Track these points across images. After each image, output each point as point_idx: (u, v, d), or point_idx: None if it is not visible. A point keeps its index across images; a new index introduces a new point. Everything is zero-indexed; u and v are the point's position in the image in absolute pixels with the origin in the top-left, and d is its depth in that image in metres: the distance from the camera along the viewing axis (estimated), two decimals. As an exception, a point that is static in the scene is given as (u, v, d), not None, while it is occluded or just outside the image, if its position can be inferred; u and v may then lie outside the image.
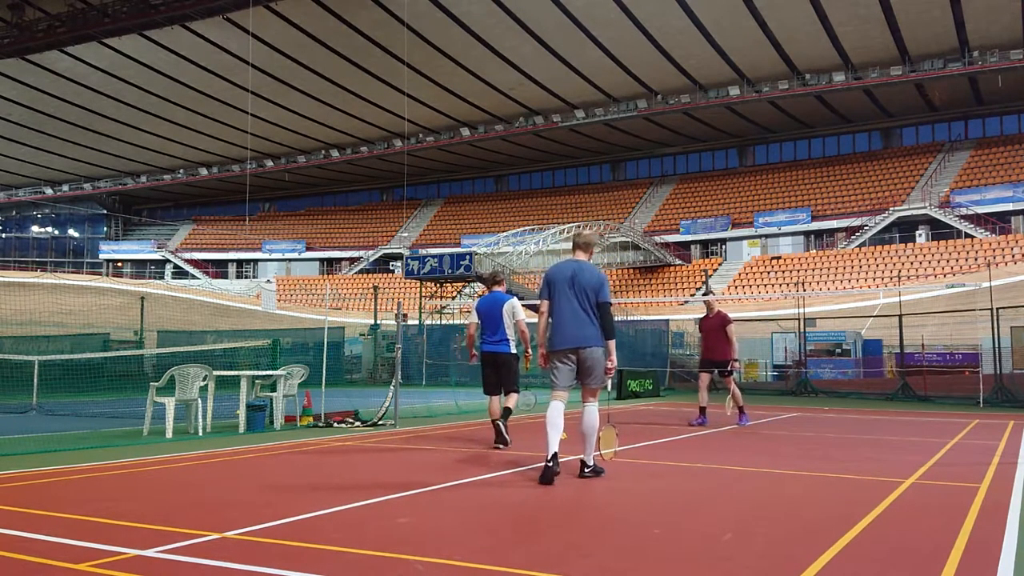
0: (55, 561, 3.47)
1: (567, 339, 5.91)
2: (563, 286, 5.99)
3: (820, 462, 7.19)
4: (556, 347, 5.97)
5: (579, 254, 6.22)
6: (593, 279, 5.98)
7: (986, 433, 10.10)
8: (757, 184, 53.14)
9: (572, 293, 5.95)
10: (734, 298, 39.61)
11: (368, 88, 46.22)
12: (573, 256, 6.24)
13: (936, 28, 37.85)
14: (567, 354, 5.93)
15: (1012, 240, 39.88)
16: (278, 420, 10.26)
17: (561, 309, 5.97)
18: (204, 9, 36.74)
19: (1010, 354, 18.17)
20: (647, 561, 3.59)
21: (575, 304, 5.93)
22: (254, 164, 59.27)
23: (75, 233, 70.72)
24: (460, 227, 59.04)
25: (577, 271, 6.02)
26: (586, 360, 5.89)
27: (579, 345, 5.88)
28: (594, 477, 5.99)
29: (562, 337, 5.94)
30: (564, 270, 6.09)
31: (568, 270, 6.06)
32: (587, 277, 5.98)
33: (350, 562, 3.53)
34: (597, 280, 6.00)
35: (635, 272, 46.81)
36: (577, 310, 5.92)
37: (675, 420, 11.96)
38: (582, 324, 5.90)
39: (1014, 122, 48.89)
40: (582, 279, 5.97)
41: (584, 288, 5.94)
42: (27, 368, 14.13)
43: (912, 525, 4.50)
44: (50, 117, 51.64)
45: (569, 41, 40.28)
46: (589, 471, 6.01)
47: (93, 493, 5.40)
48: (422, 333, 28.29)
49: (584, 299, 5.93)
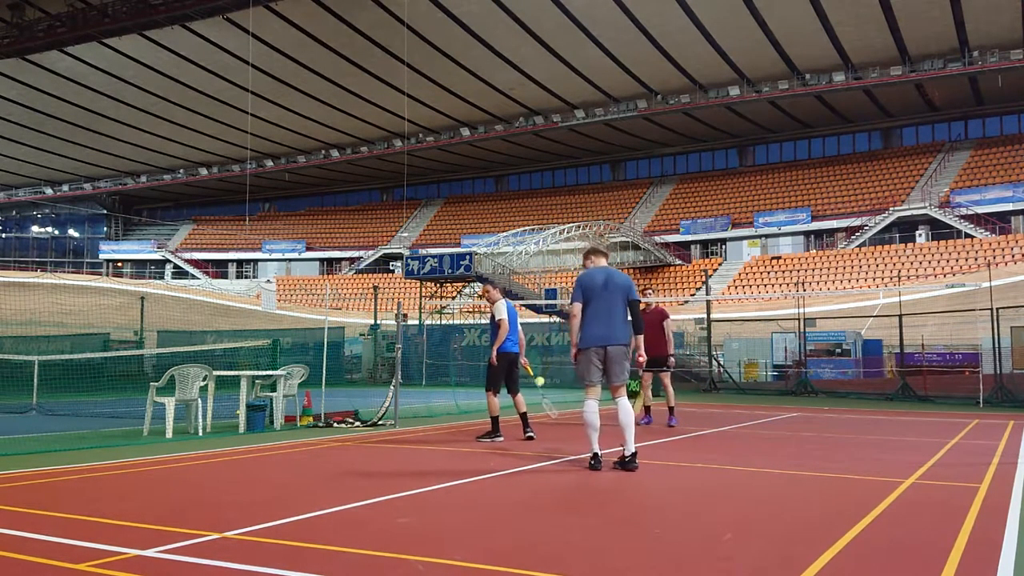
0: (55, 561, 3.47)
1: (598, 338, 6.46)
2: (598, 290, 6.56)
3: (820, 462, 7.19)
4: (588, 345, 6.50)
5: (602, 261, 6.86)
6: (624, 281, 6.64)
7: (986, 433, 10.10)
8: (757, 184, 53.14)
9: (606, 296, 6.52)
10: (734, 298, 39.62)
11: (368, 88, 46.23)
12: (594, 263, 6.81)
13: (936, 28, 37.85)
14: (597, 351, 6.44)
15: (1012, 240, 39.88)
16: (278, 420, 10.26)
17: (596, 311, 6.54)
18: (204, 9, 36.74)
19: (1010, 354, 18.17)
20: (647, 561, 3.59)
21: (608, 306, 6.51)
22: (254, 164, 59.28)
23: (75, 233, 70.73)
24: (460, 227, 59.04)
25: (609, 276, 6.62)
26: (613, 356, 6.41)
27: (608, 343, 6.42)
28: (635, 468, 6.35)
29: (594, 336, 6.47)
30: (597, 276, 6.66)
31: (601, 276, 6.63)
32: (619, 280, 6.62)
33: (350, 562, 3.53)
34: (627, 282, 6.66)
35: (635, 272, 46.80)
36: (610, 311, 6.51)
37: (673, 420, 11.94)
38: (613, 324, 6.48)
39: (1014, 122, 48.90)
40: (614, 283, 6.57)
41: (616, 290, 6.55)
42: (27, 368, 14.13)
43: (912, 525, 4.49)
44: (50, 117, 51.64)
45: (569, 41, 40.27)
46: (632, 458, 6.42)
47: (93, 493, 5.40)
48: (422, 333, 28.29)
49: (615, 301, 6.53)
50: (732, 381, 23.47)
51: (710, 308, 25.02)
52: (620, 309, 6.52)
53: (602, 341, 6.40)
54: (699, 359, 25.99)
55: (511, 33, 39.46)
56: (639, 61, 42.65)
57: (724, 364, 25.07)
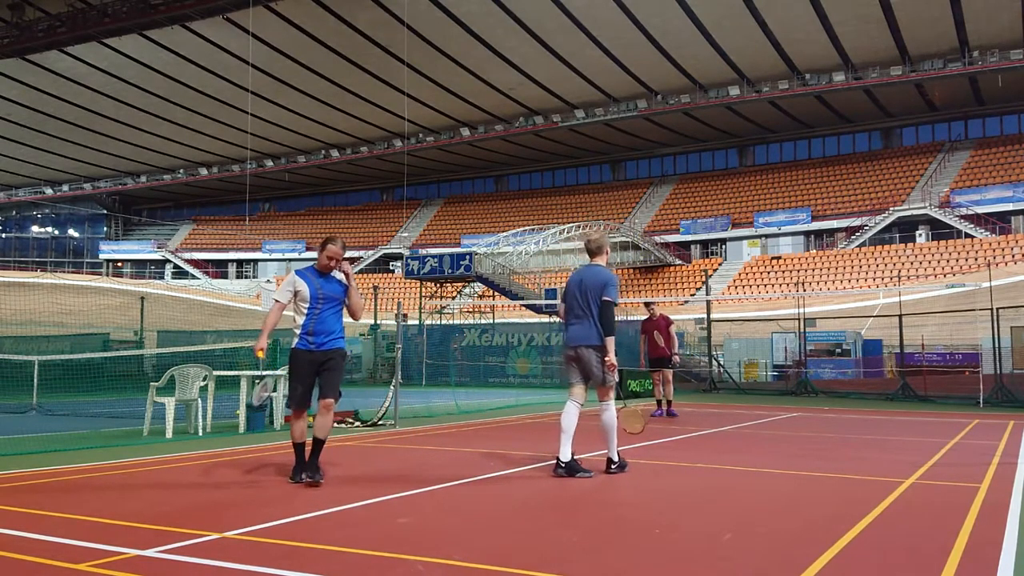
0: (55, 561, 3.47)
1: (570, 338, 6.35)
2: (573, 290, 6.41)
3: (820, 462, 7.19)
4: (565, 345, 6.45)
5: (594, 259, 6.54)
6: (597, 280, 6.28)
7: (986, 433, 10.10)
8: (757, 184, 53.15)
9: (578, 295, 6.33)
10: (734, 298, 39.62)
11: (368, 88, 46.23)
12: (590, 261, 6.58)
13: (936, 28, 37.86)
14: (570, 352, 6.32)
15: (1012, 240, 39.89)
16: (278, 420, 10.26)
17: (570, 311, 6.41)
18: (204, 9, 36.77)
19: (1010, 354, 18.16)
20: (647, 561, 3.59)
21: (579, 306, 6.31)
22: (254, 164, 59.29)
23: (75, 233, 70.73)
24: (460, 227, 59.05)
25: (585, 275, 6.39)
26: (582, 359, 6.21)
27: (577, 344, 6.25)
28: (619, 472, 6.23)
29: (567, 337, 6.40)
30: (575, 276, 6.53)
31: (578, 275, 6.47)
32: (591, 280, 6.30)
33: (350, 562, 3.53)
34: (600, 281, 6.27)
35: (635, 272, 46.83)
36: (580, 311, 6.30)
37: (675, 420, 11.96)
38: (581, 325, 6.28)
39: (1014, 122, 48.91)
40: (587, 282, 6.31)
41: (587, 290, 6.29)
42: (27, 368, 14.11)
43: (912, 525, 4.49)
44: (50, 117, 51.66)
45: (569, 41, 40.28)
46: (615, 467, 6.26)
47: (93, 493, 5.40)
48: (422, 333, 28.28)
49: (585, 301, 6.28)
50: (732, 381, 23.46)
51: (710, 308, 25.01)
52: (592, 309, 6.22)
53: (572, 341, 6.26)
54: (699, 359, 25.99)
55: (511, 33, 39.46)
56: (639, 61, 42.65)
57: (724, 364, 25.06)
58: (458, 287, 37.57)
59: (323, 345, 5.76)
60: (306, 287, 5.76)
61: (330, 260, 5.83)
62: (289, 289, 5.80)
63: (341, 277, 5.91)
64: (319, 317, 5.76)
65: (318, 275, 5.86)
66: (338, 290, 5.85)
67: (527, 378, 24.72)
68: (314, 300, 5.74)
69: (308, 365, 5.75)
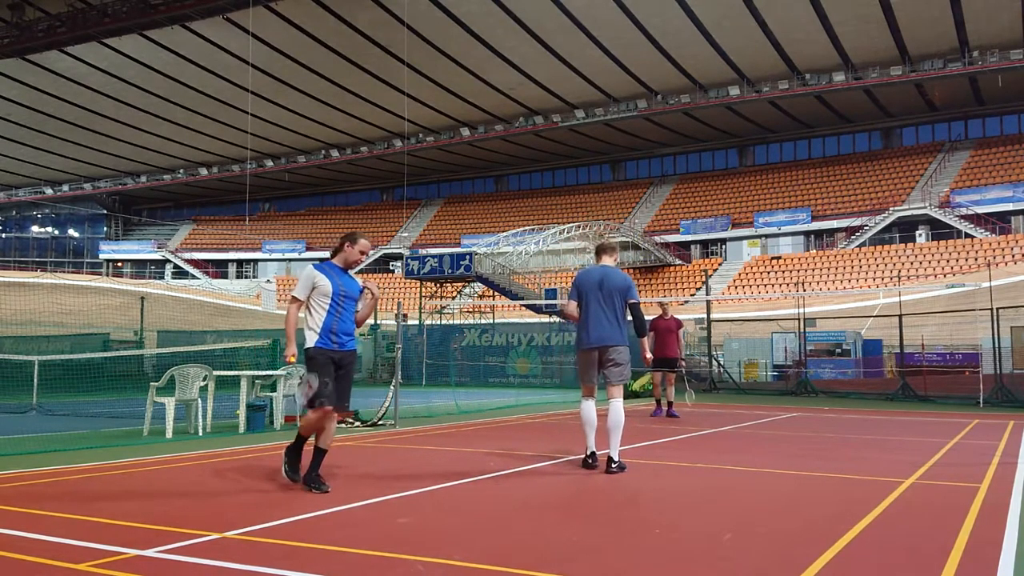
0: (55, 561, 3.47)
1: (593, 339, 6.33)
2: (593, 290, 6.40)
3: (820, 462, 7.19)
4: (584, 346, 6.40)
5: (605, 259, 6.62)
6: (621, 282, 6.42)
7: (986, 433, 10.10)
8: (757, 184, 53.14)
9: (600, 296, 6.35)
10: (734, 298, 39.62)
11: (368, 88, 46.23)
12: (598, 262, 6.64)
13: (936, 28, 37.86)
14: (593, 353, 6.36)
15: (1012, 240, 39.89)
16: (278, 420, 10.26)
17: (590, 312, 6.39)
18: (204, 9, 36.76)
19: (1010, 354, 18.15)
20: (647, 561, 3.59)
21: (603, 307, 6.34)
22: (254, 164, 59.28)
23: (75, 233, 70.72)
24: (460, 227, 59.05)
25: (605, 275, 6.43)
26: (610, 358, 6.31)
27: (604, 344, 6.30)
28: (619, 472, 6.21)
29: (589, 337, 6.37)
30: (592, 275, 6.49)
31: (597, 275, 6.46)
32: (614, 281, 6.40)
33: (350, 562, 3.53)
34: (624, 283, 6.43)
35: (635, 272, 46.80)
36: (605, 312, 6.34)
37: (675, 420, 11.96)
38: (608, 325, 6.33)
39: (1014, 122, 48.90)
40: (610, 283, 6.37)
41: (611, 291, 6.35)
42: (27, 368, 14.11)
43: (912, 525, 4.49)
44: (50, 117, 51.65)
45: (569, 41, 40.28)
46: (615, 467, 6.25)
47: (93, 493, 5.40)
48: (422, 333, 28.29)
49: (611, 302, 6.35)
50: (732, 381, 23.45)
51: (710, 308, 25.00)
52: (617, 310, 6.33)
53: (598, 342, 6.29)
54: (699, 359, 25.97)
55: (511, 33, 39.46)
56: (639, 61, 42.65)
57: (724, 364, 25.06)
58: (458, 287, 37.57)
59: (344, 345, 5.51)
60: (328, 282, 5.47)
61: (362, 255, 5.63)
62: (307, 285, 5.52)
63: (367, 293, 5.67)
64: (341, 316, 5.50)
65: (339, 271, 5.60)
66: (356, 289, 5.62)
67: (527, 378, 24.71)
68: (336, 296, 5.48)
69: (331, 364, 5.46)
